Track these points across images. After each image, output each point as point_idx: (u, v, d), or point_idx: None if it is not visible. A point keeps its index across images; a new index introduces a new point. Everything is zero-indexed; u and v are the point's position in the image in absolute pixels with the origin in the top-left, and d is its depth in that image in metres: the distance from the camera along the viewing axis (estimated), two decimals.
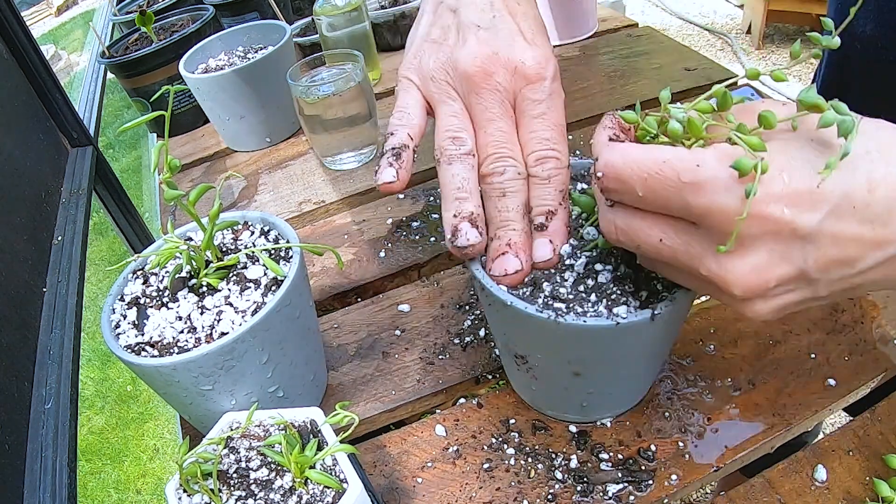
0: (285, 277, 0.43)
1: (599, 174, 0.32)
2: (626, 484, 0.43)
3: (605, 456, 0.45)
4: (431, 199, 0.73)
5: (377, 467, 0.47)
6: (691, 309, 0.41)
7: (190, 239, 0.49)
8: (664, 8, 3.52)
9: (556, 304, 0.38)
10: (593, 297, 0.38)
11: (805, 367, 0.49)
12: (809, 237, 0.27)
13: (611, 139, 0.33)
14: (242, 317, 0.43)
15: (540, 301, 0.38)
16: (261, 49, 0.89)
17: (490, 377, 0.53)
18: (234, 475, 0.38)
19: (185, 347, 0.42)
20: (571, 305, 0.38)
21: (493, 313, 0.41)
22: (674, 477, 0.43)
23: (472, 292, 0.60)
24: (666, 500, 0.43)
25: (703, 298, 0.56)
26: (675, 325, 0.41)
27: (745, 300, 0.30)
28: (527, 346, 0.41)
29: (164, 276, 0.47)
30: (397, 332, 0.58)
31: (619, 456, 0.45)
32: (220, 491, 0.37)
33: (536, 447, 0.46)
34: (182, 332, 0.43)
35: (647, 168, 0.29)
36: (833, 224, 0.27)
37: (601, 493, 0.43)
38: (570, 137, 0.75)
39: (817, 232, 0.27)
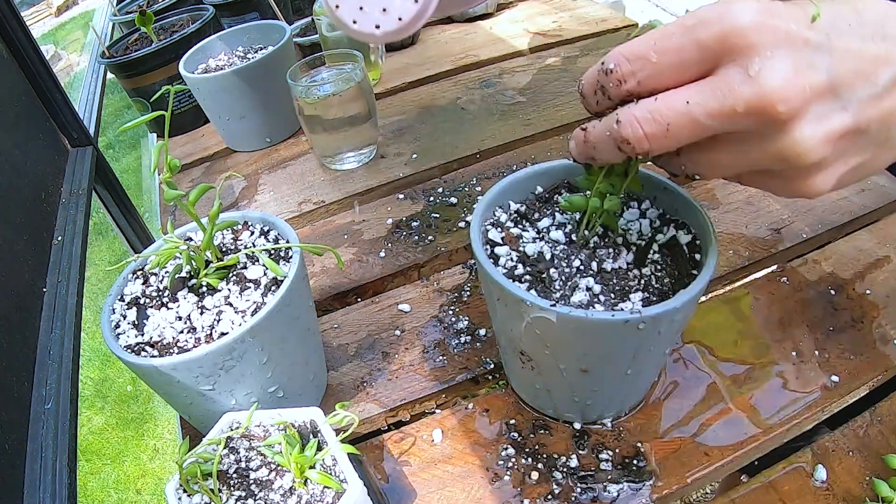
0: (285, 277, 0.43)
1: (612, 65, 0.32)
2: (626, 484, 0.43)
3: (605, 456, 0.45)
4: (431, 199, 0.73)
5: (377, 467, 0.47)
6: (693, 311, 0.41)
7: (190, 239, 0.49)
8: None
9: (571, 300, 0.38)
10: (602, 296, 0.38)
11: (805, 368, 0.49)
12: (823, 47, 0.29)
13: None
14: (242, 317, 0.43)
15: (553, 297, 0.38)
16: (261, 49, 0.89)
17: (490, 377, 0.53)
18: (234, 475, 0.38)
19: (185, 347, 0.42)
20: (583, 301, 0.38)
21: (500, 309, 0.41)
22: (674, 477, 0.43)
23: (472, 292, 0.60)
24: (666, 501, 0.43)
25: (704, 298, 0.56)
26: (684, 320, 0.42)
27: (793, 126, 0.29)
28: (535, 343, 0.41)
29: (163, 277, 0.47)
30: (397, 332, 0.58)
31: (620, 456, 0.45)
32: (220, 491, 0.37)
33: (536, 447, 0.46)
34: (182, 332, 0.43)
35: (653, 36, 0.31)
36: (838, 39, 0.29)
37: (601, 493, 0.43)
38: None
39: (828, 43, 0.29)
